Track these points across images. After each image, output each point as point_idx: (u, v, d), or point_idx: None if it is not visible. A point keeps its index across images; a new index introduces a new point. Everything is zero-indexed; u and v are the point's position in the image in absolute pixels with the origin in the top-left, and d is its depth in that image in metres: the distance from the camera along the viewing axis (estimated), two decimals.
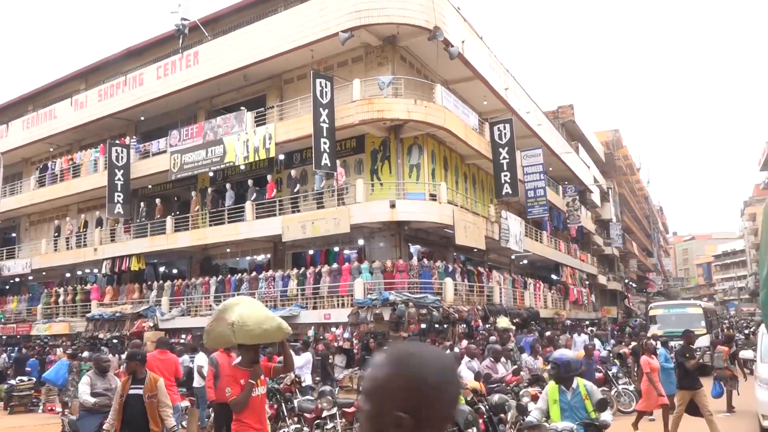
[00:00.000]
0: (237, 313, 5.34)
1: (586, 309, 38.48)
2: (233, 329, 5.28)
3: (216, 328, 5.47)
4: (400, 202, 19.59)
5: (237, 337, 5.34)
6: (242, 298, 6.12)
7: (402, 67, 22.01)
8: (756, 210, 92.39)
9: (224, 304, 5.64)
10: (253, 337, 5.41)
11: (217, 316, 5.49)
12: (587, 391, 5.65)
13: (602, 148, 52.47)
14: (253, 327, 5.33)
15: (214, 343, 5.93)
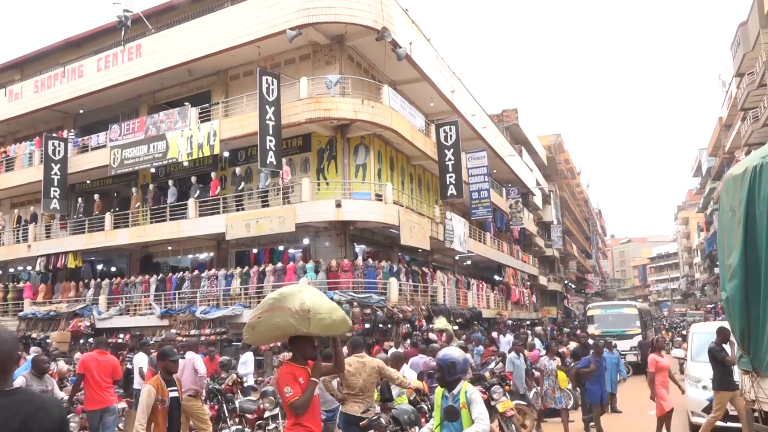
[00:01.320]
0: (308, 301, 4.77)
1: (527, 309, 39.26)
2: (308, 317, 4.69)
3: (270, 320, 4.80)
4: (346, 202, 19.58)
5: (311, 327, 4.73)
6: (304, 285, 5.47)
7: (350, 66, 22.00)
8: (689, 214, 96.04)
9: (280, 293, 4.95)
10: (324, 328, 4.84)
11: (272, 306, 4.84)
12: (467, 399, 4.81)
13: (545, 152, 53.64)
14: (325, 316, 4.81)
15: (260, 337, 5.17)
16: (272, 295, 4.96)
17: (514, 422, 9.98)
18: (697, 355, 11.44)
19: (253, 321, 4.95)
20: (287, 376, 4.73)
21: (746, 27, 44.94)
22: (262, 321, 4.85)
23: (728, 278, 4.86)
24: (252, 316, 5.00)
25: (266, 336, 5.10)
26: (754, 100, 43.83)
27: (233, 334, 19.41)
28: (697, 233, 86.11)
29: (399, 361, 9.40)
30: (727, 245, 5.33)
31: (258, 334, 4.97)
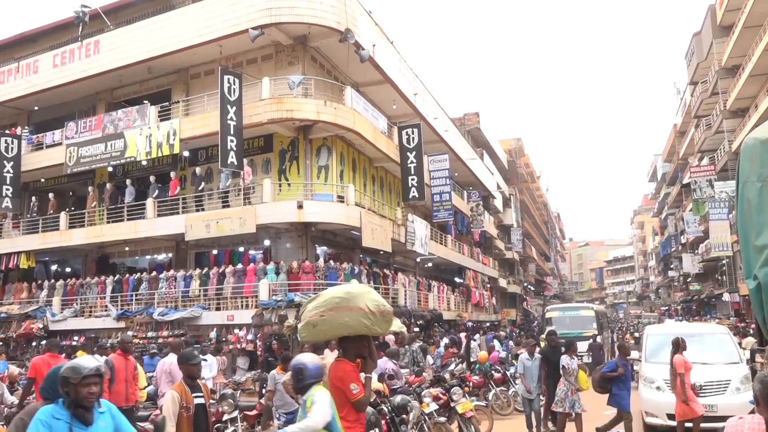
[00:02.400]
0: (385, 303, 4.90)
1: (487, 311, 39.65)
2: (388, 320, 4.78)
3: (337, 318, 4.82)
4: (308, 203, 19.51)
5: (382, 327, 4.87)
6: (368, 287, 5.44)
7: (312, 67, 21.93)
8: (644, 218, 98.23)
9: (347, 292, 4.97)
10: (387, 328, 4.99)
11: (338, 305, 4.85)
12: (312, 402, 4.61)
13: (505, 155, 54.28)
14: (390, 317, 4.94)
15: (320, 335, 5.18)
16: (336, 294, 4.97)
17: (473, 423, 10.07)
18: (651, 356, 11.61)
19: (313, 319, 4.93)
20: (352, 374, 4.73)
21: (700, 37, 46.22)
22: (327, 319, 4.86)
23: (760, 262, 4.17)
24: (311, 313, 4.96)
25: (326, 334, 5.13)
26: (707, 107, 45.10)
27: (192, 337, 19.15)
28: (652, 237, 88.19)
29: None
30: (756, 222, 4.40)
31: (318, 332, 4.99)
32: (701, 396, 10.00)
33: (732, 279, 42.50)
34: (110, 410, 3.91)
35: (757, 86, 34.69)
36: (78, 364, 3.70)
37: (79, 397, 3.64)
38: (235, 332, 18.84)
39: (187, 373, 5.71)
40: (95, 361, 3.76)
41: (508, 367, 15.28)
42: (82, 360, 3.76)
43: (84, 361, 3.74)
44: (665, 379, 10.21)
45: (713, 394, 9.98)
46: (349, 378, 4.70)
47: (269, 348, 16.38)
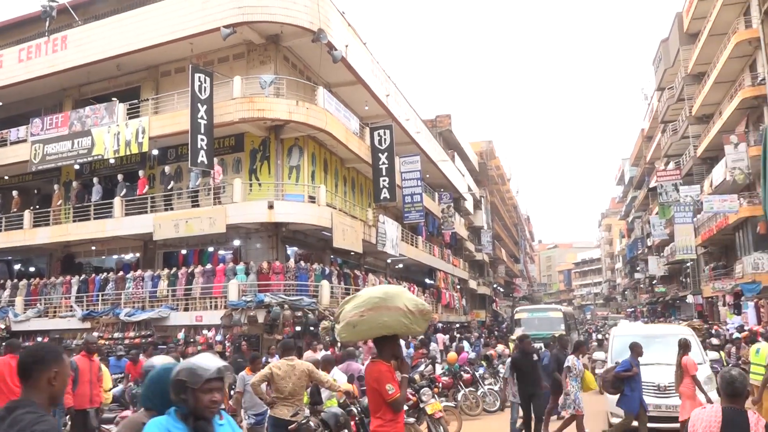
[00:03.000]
0: (419, 302, 4.95)
1: (457, 312, 39.86)
2: (426, 319, 4.87)
3: (377, 318, 4.84)
4: (279, 203, 19.41)
5: (421, 325, 4.92)
6: (402, 287, 5.56)
7: (284, 67, 21.83)
8: (612, 221, 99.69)
9: (384, 292, 5.02)
10: (425, 327, 5.03)
11: (377, 305, 4.88)
12: None
13: (476, 158, 54.61)
14: (428, 316, 5.04)
15: (360, 335, 5.19)
16: (374, 294, 5.01)
17: (442, 424, 10.10)
18: (617, 357, 11.54)
19: (353, 319, 4.93)
20: (387, 374, 4.74)
21: (667, 44, 47.12)
22: (366, 319, 4.87)
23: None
24: (350, 313, 4.97)
25: (366, 334, 5.13)
26: (673, 113, 45.99)
27: (159, 337, 18.92)
28: (619, 240, 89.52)
29: (329, 364, 9.38)
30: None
31: (358, 332, 5.00)
32: (665, 397, 10.06)
33: (696, 281, 43.36)
34: (230, 422, 3.12)
35: (721, 93, 35.45)
36: (197, 364, 2.88)
37: (199, 405, 2.83)
38: (203, 333, 18.68)
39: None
40: (217, 360, 2.99)
41: (477, 368, 15.37)
42: (202, 359, 2.93)
43: (204, 360, 2.92)
44: None
45: (676, 395, 9.89)
46: (385, 378, 4.71)
47: (238, 349, 16.24)
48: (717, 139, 33.59)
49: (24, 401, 2.64)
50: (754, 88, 29.84)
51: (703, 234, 37.51)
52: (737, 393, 3.94)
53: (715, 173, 34.44)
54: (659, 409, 10.31)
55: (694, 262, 42.74)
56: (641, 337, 11.96)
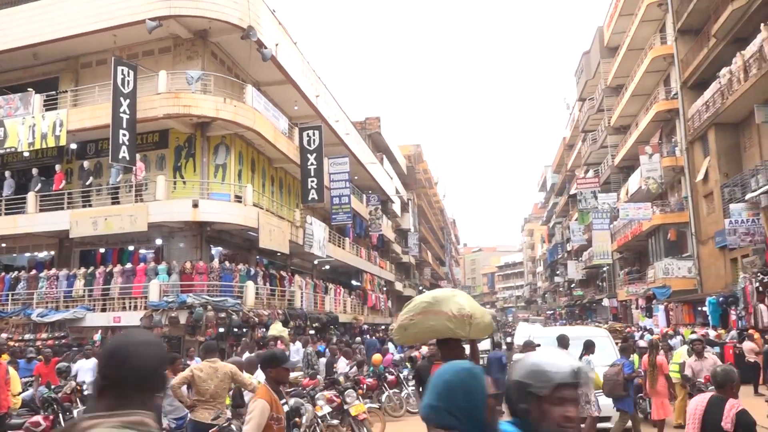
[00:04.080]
0: (467, 306, 4.97)
1: (382, 314, 40.07)
2: (470, 323, 4.87)
3: (424, 322, 4.97)
4: (204, 202, 19.02)
5: (471, 331, 4.94)
6: (455, 290, 5.64)
7: (212, 63, 21.43)
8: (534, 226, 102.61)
9: (433, 296, 5.14)
10: (478, 332, 5.08)
11: (425, 309, 5.01)
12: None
13: (405, 161, 55.10)
14: (480, 321, 5.03)
15: (412, 338, 5.38)
16: (424, 299, 5.19)
17: (366, 425, 10.15)
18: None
19: (405, 322, 5.11)
20: None
21: (589, 56, 48.95)
22: (416, 323, 5.03)
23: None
24: (403, 317, 5.17)
25: (417, 337, 5.37)
26: (593, 123, 47.81)
27: (74, 339, 18.18)
28: (541, 244, 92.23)
29: (253, 366, 9.27)
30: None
31: (410, 335, 5.20)
32: None
33: (611, 285, 45.18)
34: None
35: (638, 105, 37.12)
36: (545, 362, 2.03)
37: (547, 421, 1.99)
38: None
39: (276, 378, 4.83)
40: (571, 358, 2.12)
41: (401, 370, 15.49)
42: (551, 356, 2.08)
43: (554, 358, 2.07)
44: None
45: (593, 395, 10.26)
46: None
47: None
48: (633, 150, 35.14)
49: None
50: (668, 101, 31.41)
51: (618, 240, 39.13)
52: (719, 384, 4.87)
53: (630, 182, 36.02)
54: None
55: (610, 267, 44.53)
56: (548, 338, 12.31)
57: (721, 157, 25.66)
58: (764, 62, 20.76)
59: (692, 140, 28.41)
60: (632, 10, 35.08)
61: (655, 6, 31.64)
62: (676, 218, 30.72)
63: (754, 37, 21.59)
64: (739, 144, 25.55)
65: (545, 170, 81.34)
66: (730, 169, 25.23)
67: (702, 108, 26.56)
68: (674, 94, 30.69)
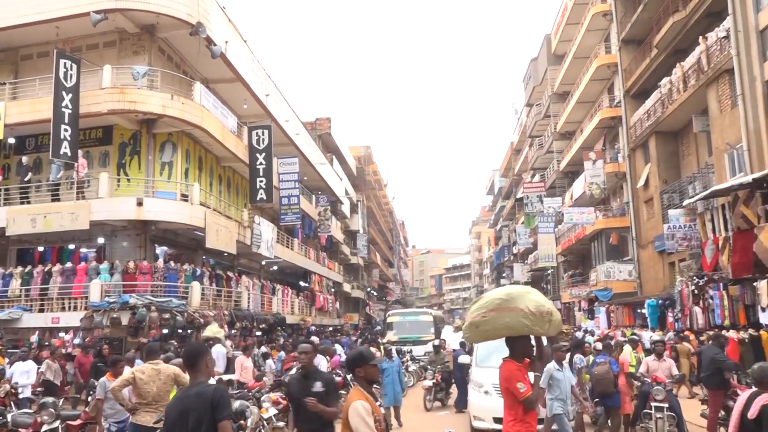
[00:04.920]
0: (546, 303, 4.96)
1: (330, 315, 39.97)
2: (549, 320, 4.85)
3: (499, 319, 4.92)
4: (149, 201, 18.62)
5: (543, 326, 4.93)
6: (528, 287, 5.47)
7: (160, 59, 21.01)
8: (481, 229, 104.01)
9: (507, 293, 5.05)
10: (555, 329, 5.06)
11: (499, 306, 4.95)
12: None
13: (355, 162, 55.12)
14: (556, 317, 5.03)
15: (483, 336, 5.25)
16: (497, 295, 5.10)
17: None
18: (481, 361, 11.77)
19: (476, 319, 5.03)
20: (518, 373, 4.80)
21: (537, 63, 49.96)
22: (488, 320, 4.97)
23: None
24: (474, 314, 5.06)
25: (490, 335, 5.19)
26: (540, 128, 48.78)
27: (9, 341, 17.53)
28: (488, 247, 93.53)
29: None
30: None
31: (481, 332, 5.12)
32: None
33: (555, 288, 46.16)
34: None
35: (583, 112, 38.05)
36: None
37: None
38: (60, 336, 17.51)
39: (367, 377, 4.55)
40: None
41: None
42: None
43: None
44: (493, 383, 10.38)
45: None
46: (515, 377, 4.78)
47: (99, 353, 15.36)
48: (578, 155, 36.00)
49: None
50: (611, 109, 32.30)
51: (563, 243, 40.02)
52: (758, 381, 5.32)
53: (575, 187, 36.88)
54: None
55: (555, 270, 45.50)
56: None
57: (661, 164, 26.54)
58: (702, 73, 21.57)
59: (634, 147, 29.28)
60: (579, 19, 35.96)
61: (600, 16, 32.51)
62: (618, 223, 31.60)
63: (693, 49, 22.42)
64: (678, 152, 26.47)
65: (493, 174, 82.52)
66: (669, 176, 26.13)
67: (643, 116, 27.41)
68: (617, 102, 31.58)
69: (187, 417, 4.01)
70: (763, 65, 18.33)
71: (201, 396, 4.04)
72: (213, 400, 4.02)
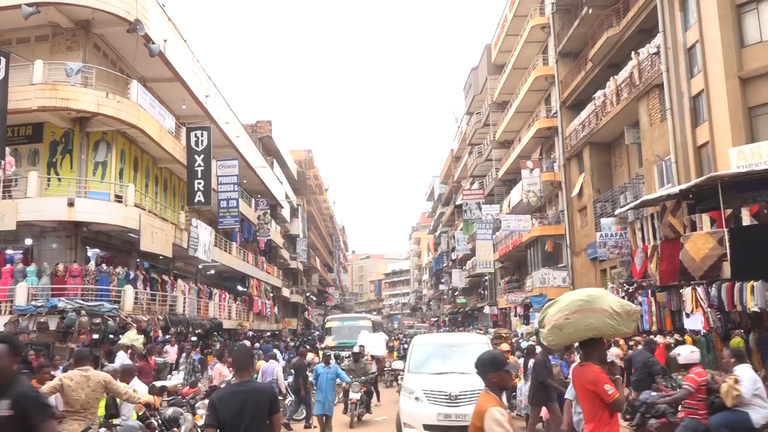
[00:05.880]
0: (624, 303, 4.89)
1: (268, 320, 39.54)
2: (633, 319, 4.81)
3: (582, 321, 4.83)
4: (81, 201, 18.02)
5: (628, 326, 4.93)
6: (604, 289, 5.48)
7: (95, 56, 20.39)
8: (421, 235, 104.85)
9: (588, 294, 4.96)
10: (632, 328, 5.08)
11: (581, 307, 4.85)
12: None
13: (295, 166, 54.78)
14: (636, 316, 5.03)
15: (566, 339, 5.12)
16: (577, 297, 4.99)
17: None
18: (415, 367, 11.38)
19: (560, 322, 4.92)
20: (602, 376, 4.73)
21: (477, 72, 50.85)
22: (572, 322, 4.85)
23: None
24: (556, 316, 4.96)
25: (573, 337, 5.08)
26: (479, 137, 49.64)
27: None
28: (427, 253, 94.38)
29: (129, 374, 8.89)
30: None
31: (565, 335, 5.00)
32: (455, 406, 10.00)
33: (492, 293, 46.97)
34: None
35: (521, 122, 38.95)
36: None
37: None
38: None
39: (501, 383, 4.25)
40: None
41: (286, 377, 15.31)
42: None
43: None
44: (424, 389, 10.33)
45: (467, 404, 9.89)
46: (602, 379, 4.70)
47: (25, 359, 14.75)
48: (516, 164, 36.80)
49: None
50: (548, 119, 33.19)
51: (500, 250, 40.78)
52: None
53: (512, 195, 37.67)
54: (449, 419, 10.04)
55: (492, 276, 46.30)
56: (439, 345, 12.47)
57: (595, 174, 27.41)
58: (634, 87, 22.40)
59: (569, 157, 30.14)
60: (518, 30, 36.81)
61: (538, 29, 33.36)
62: (553, 230, 32.43)
63: (626, 64, 23.28)
64: (611, 162, 27.39)
65: (433, 180, 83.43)
66: (602, 185, 27.00)
67: (579, 127, 28.26)
68: (554, 113, 32.45)
69: (243, 409, 4.58)
70: (690, 81, 19.17)
71: (259, 391, 4.77)
72: (272, 396, 4.83)
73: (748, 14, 17.54)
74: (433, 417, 10.06)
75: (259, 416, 4.64)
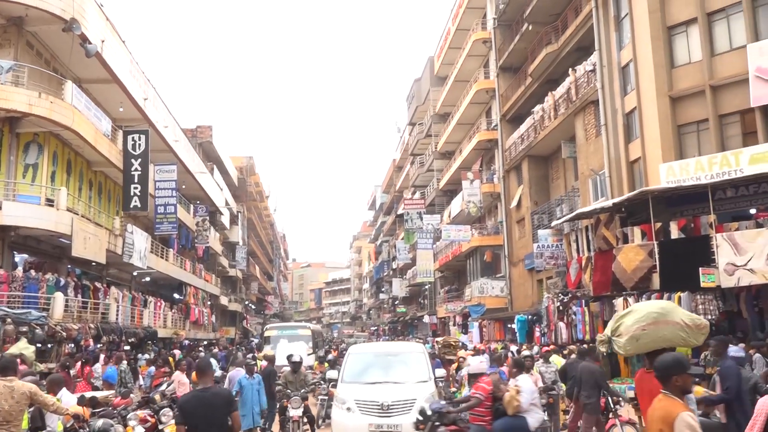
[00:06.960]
0: (694, 316, 5.05)
1: (205, 329, 38.78)
2: (703, 333, 5.00)
3: (657, 332, 5.14)
4: (9, 204, 17.30)
5: (698, 338, 5.14)
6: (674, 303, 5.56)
7: (28, 54, 19.67)
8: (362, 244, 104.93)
9: (662, 307, 5.26)
10: (702, 340, 5.30)
11: (656, 319, 5.15)
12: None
13: (236, 172, 54.07)
14: (706, 330, 5.25)
15: (642, 348, 5.42)
16: (652, 309, 5.32)
17: None
18: (349, 377, 11.03)
19: (636, 333, 5.28)
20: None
21: (420, 83, 51.42)
22: (648, 333, 5.14)
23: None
24: (633, 327, 5.32)
25: (648, 347, 5.33)
26: (421, 147, 50.14)
27: None
28: (368, 262, 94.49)
29: (57, 384, 8.56)
30: None
31: (641, 345, 5.34)
32: (386, 416, 9.78)
33: (432, 303, 47.38)
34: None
35: (462, 133, 39.56)
36: None
37: None
38: None
39: (683, 387, 4.11)
40: None
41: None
42: None
43: None
44: (356, 400, 10.08)
45: (399, 414, 9.72)
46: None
47: None
48: (457, 175, 37.34)
49: None
50: (489, 132, 33.82)
51: (440, 259, 41.20)
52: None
53: (453, 205, 38.18)
54: (381, 429, 9.82)
55: (432, 285, 46.70)
56: (375, 354, 12.32)
57: (533, 186, 28.07)
58: (570, 103, 23.09)
59: (508, 169, 30.77)
60: (460, 44, 37.45)
61: (480, 43, 34.02)
62: (492, 241, 32.99)
63: (564, 80, 23.97)
64: (548, 175, 28.11)
65: (375, 190, 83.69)
66: (539, 197, 27.66)
67: (518, 140, 28.90)
68: (494, 126, 33.10)
69: (207, 410, 5.44)
70: (623, 99, 19.89)
71: (218, 395, 5.65)
72: (229, 397, 5.82)
73: (678, 36, 18.34)
74: (365, 428, 9.78)
75: (220, 415, 5.50)
